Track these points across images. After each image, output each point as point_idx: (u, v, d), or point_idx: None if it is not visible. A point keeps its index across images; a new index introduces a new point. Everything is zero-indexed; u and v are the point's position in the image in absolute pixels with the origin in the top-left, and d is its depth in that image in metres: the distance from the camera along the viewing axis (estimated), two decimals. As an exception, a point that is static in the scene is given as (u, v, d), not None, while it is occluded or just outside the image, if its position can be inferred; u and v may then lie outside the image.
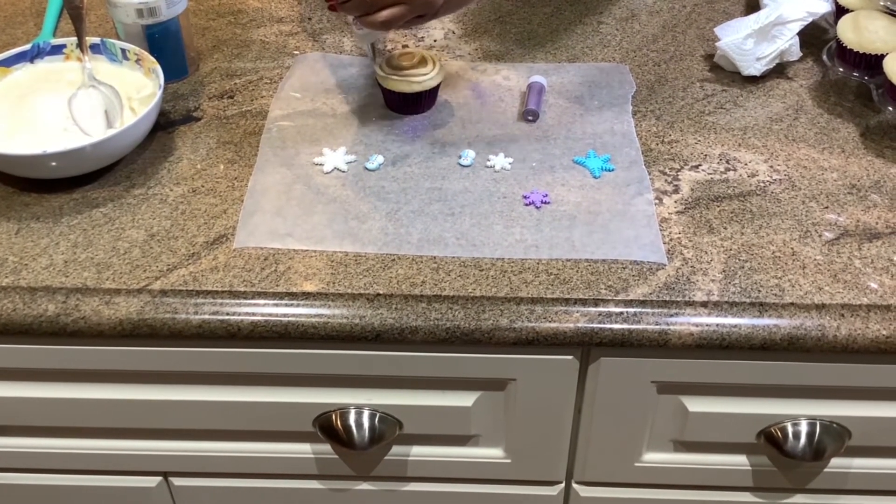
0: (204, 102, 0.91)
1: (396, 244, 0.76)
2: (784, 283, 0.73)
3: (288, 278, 0.73)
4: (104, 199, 0.80)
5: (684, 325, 0.71)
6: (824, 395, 0.78)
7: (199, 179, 0.82)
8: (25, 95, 0.86)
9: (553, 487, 0.87)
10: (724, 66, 0.95)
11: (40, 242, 0.76)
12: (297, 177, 0.82)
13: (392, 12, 0.77)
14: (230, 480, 0.87)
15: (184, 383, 0.79)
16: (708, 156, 0.85)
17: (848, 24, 0.91)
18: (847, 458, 0.83)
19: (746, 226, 0.78)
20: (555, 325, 0.70)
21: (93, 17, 1.03)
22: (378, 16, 0.78)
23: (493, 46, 0.99)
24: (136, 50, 0.87)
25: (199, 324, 0.71)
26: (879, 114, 0.90)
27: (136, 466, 0.86)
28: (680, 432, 0.80)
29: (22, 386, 0.79)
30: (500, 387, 0.78)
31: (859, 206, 0.80)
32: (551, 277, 0.73)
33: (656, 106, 0.91)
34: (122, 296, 0.71)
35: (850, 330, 0.70)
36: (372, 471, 0.85)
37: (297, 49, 0.99)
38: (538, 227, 0.77)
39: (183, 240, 0.76)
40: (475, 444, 0.83)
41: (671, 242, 0.76)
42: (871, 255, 0.75)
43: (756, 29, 0.91)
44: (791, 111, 0.91)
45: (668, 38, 1.01)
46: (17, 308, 0.71)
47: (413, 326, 0.71)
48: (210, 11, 1.05)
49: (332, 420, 0.79)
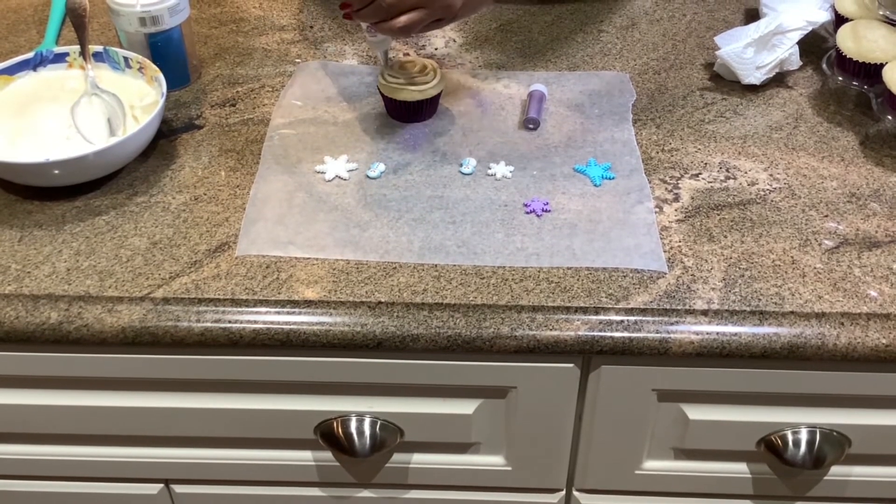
0: (206, 110, 0.91)
1: (398, 252, 0.76)
2: (784, 292, 0.73)
3: (290, 286, 0.73)
4: (107, 207, 0.80)
5: (685, 333, 0.71)
6: (824, 403, 0.78)
7: (201, 187, 0.82)
8: (28, 103, 0.86)
9: (554, 495, 0.87)
10: (724, 76, 0.96)
11: (43, 250, 0.76)
12: (298, 185, 0.82)
13: (410, 17, 0.76)
14: (231, 488, 0.87)
15: (185, 391, 0.79)
16: (708, 164, 0.85)
17: (847, 33, 0.91)
18: (847, 466, 0.83)
19: (746, 234, 0.78)
20: (556, 334, 0.71)
21: (95, 25, 1.03)
22: (396, 21, 0.77)
23: (493, 55, 1.00)
24: (139, 58, 0.88)
25: (202, 331, 0.71)
26: (879, 122, 0.90)
27: (138, 474, 0.86)
28: (680, 440, 0.81)
29: (24, 393, 0.79)
30: (500, 395, 0.78)
31: (859, 215, 0.80)
32: (552, 285, 0.73)
33: (656, 114, 0.91)
34: (124, 303, 0.72)
35: (849, 338, 0.70)
36: (373, 478, 0.85)
37: (298, 57, 0.99)
38: (539, 236, 0.78)
39: (185, 248, 0.76)
40: (476, 451, 0.83)
41: (671, 251, 0.76)
42: (870, 264, 0.76)
43: (756, 38, 0.91)
44: (791, 120, 0.91)
45: (669, 46, 1.01)
46: (20, 316, 0.71)
47: (414, 334, 0.71)
48: (212, 20, 1.05)
49: (333, 427, 0.79)
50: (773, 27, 0.91)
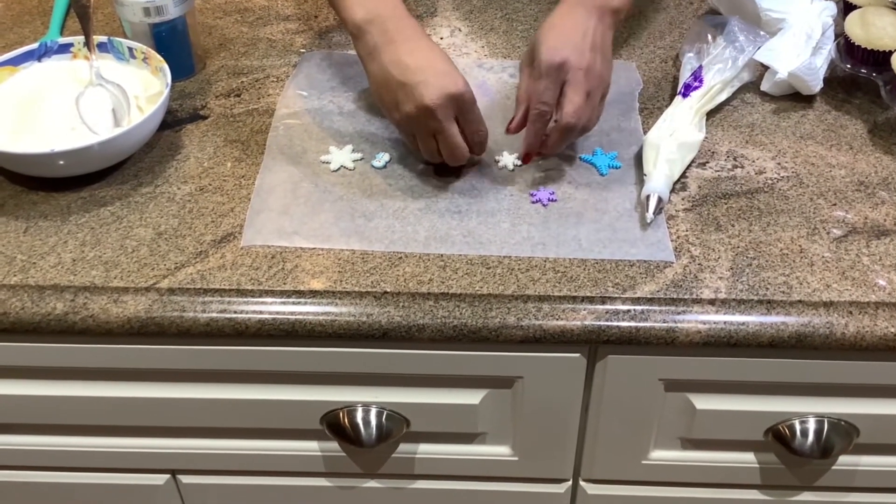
0: (211, 101, 0.91)
1: (403, 242, 0.76)
2: (792, 281, 0.73)
3: (295, 276, 0.73)
4: (112, 198, 0.80)
5: (692, 322, 0.70)
6: (832, 392, 0.77)
7: (206, 178, 0.82)
8: (33, 94, 0.86)
9: (560, 485, 0.87)
10: (775, 93, 0.91)
11: (48, 241, 0.76)
12: (303, 175, 0.82)
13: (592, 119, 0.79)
14: (238, 478, 0.88)
15: (191, 381, 0.79)
16: (715, 153, 0.85)
17: (856, 20, 0.91)
18: (855, 456, 0.83)
19: (754, 223, 0.78)
20: (562, 323, 0.70)
21: (100, 15, 1.03)
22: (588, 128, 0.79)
23: (499, 44, 0.99)
24: (144, 48, 0.88)
25: (207, 322, 0.71)
26: (887, 110, 0.89)
27: (144, 464, 0.86)
28: (687, 430, 0.80)
29: (30, 384, 0.79)
30: (507, 385, 0.78)
31: (867, 203, 0.80)
32: (558, 275, 0.73)
33: (663, 103, 0.91)
34: (130, 294, 0.72)
35: (858, 327, 0.70)
36: (379, 468, 0.85)
37: (303, 47, 0.99)
38: (545, 225, 0.77)
39: (190, 238, 0.76)
40: (482, 441, 0.83)
41: (678, 240, 0.76)
42: (879, 252, 0.75)
43: (813, 46, 0.90)
44: (798, 108, 0.90)
45: (675, 34, 1.01)
46: (26, 306, 0.71)
47: (420, 324, 0.71)
48: (217, 10, 1.05)
49: (339, 418, 0.79)
50: (820, 29, 0.90)
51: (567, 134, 0.78)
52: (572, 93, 0.76)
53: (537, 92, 0.77)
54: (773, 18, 0.93)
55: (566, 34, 0.77)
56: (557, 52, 0.76)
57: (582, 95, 0.76)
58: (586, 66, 0.76)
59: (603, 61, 0.78)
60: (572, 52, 0.76)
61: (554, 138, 0.79)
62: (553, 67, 0.76)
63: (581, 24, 0.78)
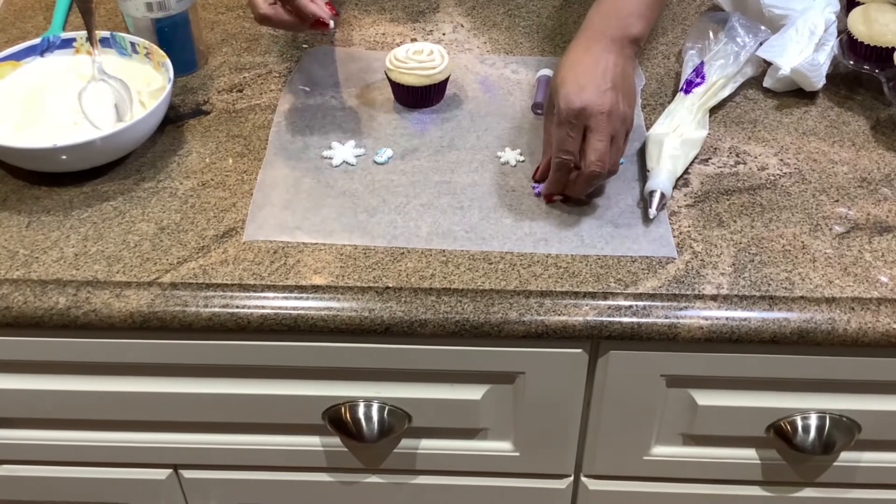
0: (213, 96, 0.91)
1: (405, 237, 0.76)
2: (794, 277, 0.73)
3: (297, 271, 0.73)
4: (114, 193, 0.80)
5: (694, 318, 0.70)
6: (834, 388, 0.77)
7: (208, 173, 0.82)
8: (36, 89, 0.86)
9: (562, 481, 0.87)
10: (777, 89, 0.91)
11: (51, 235, 0.76)
12: (306, 170, 0.82)
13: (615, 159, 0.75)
14: (239, 473, 0.88)
15: (193, 376, 0.79)
16: (718, 149, 0.85)
17: (858, 16, 0.91)
18: (857, 452, 0.83)
19: (756, 219, 0.78)
20: (564, 319, 0.70)
21: (102, 10, 1.03)
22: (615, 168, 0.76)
23: (502, 40, 0.99)
24: (146, 44, 0.88)
25: (209, 317, 0.71)
26: (890, 107, 0.89)
27: (146, 459, 0.86)
28: (689, 426, 0.80)
29: (32, 378, 0.79)
30: (509, 380, 0.78)
31: (870, 200, 0.80)
32: (560, 271, 0.73)
33: (666, 99, 0.91)
34: (132, 289, 0.72)
35: (860, 323, 0.70)
36: (381, 464, 0.85)
37: (305, 43, 0.99)
38: (547, 221, 0.77)
39: (193, 233, 0.76)
40: (484, 437, 0.83)
41: (681, 236, 0.76)
42: (881, 249, 0.75)
43: (816, 42, 0.89)
44: (801, 104, 0.90)
45: (678, 30, 1.01)
46: (28, 301, 0.71)
47: (422, 319, 0.71)
48: (219, 5, 1.05)
49: (341, 413, 0.80)
50: (823, 26, 0.90)
51: (592, 181, 0.75)
52: (595, 139, 0.73)
53: (559, 140, 0.74)
54: (775, 14, 0.92)
55: (585, 74, 0.74)
56: (578, 98, 0.72)
57: (606, 141, 0.73)
58: (608, 110, 0.72)
59: (625, 99, 0.74)
60: (592, 94, 0.72)
61: (579, 185, 0.76)
62: (573, 114, 0.72)
63: (601, 61, 0.74)
